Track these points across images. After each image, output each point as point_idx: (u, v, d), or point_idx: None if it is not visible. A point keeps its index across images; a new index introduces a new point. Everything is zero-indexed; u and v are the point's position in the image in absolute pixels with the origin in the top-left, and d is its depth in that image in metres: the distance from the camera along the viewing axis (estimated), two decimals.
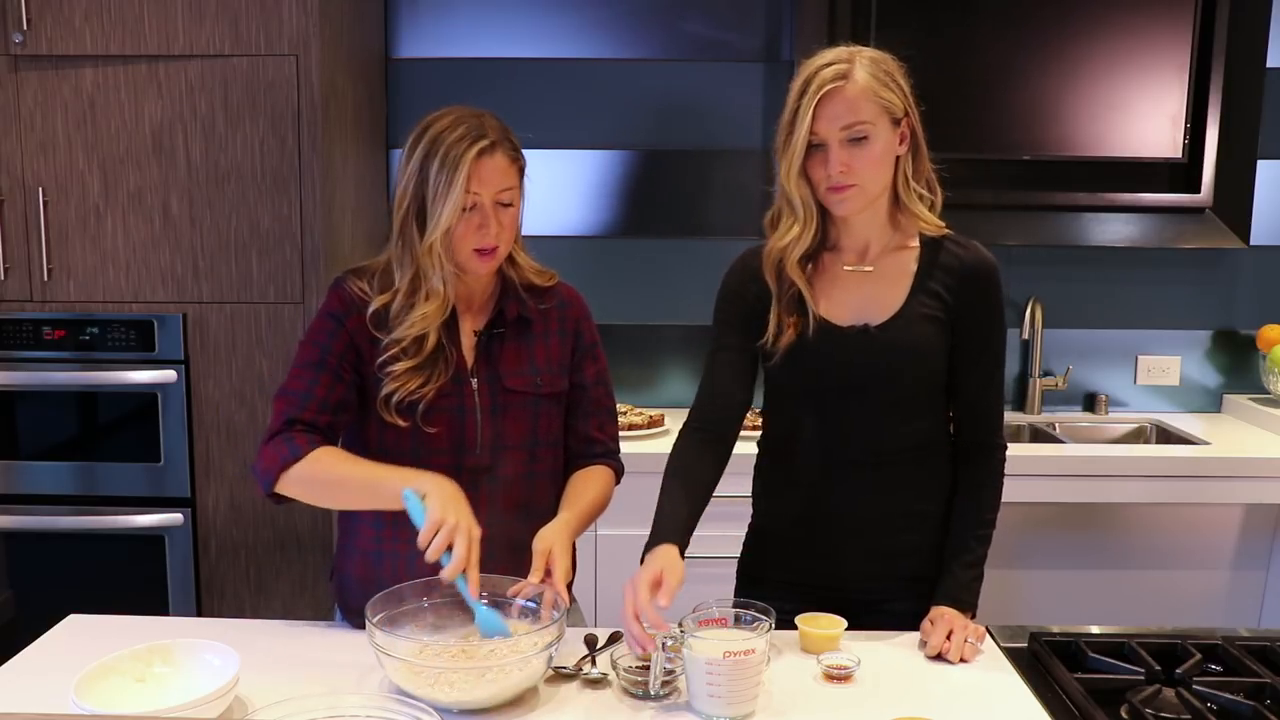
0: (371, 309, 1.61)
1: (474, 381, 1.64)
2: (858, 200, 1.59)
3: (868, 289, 1.65)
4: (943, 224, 1.65)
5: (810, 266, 1.66)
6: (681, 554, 1.55)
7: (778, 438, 1.75)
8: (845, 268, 1.66)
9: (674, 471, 1.66)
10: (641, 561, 1.55)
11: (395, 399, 1.58)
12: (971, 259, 1.65)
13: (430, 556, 1.41)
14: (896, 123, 1.58)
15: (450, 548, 1.42)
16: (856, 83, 1.54)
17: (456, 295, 1.63)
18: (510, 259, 1.67)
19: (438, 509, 1.43)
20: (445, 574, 1.42)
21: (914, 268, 1.65)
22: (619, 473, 1.79)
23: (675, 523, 1.59)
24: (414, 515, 1.45)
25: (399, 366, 1.58)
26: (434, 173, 1.54)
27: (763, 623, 1.43)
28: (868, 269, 1.66)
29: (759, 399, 1.76)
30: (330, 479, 1.56)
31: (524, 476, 1.68)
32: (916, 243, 1.66)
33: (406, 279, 1.59)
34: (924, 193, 1.64)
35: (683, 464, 1.67)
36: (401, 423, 1.59)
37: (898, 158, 1.61)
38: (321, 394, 1.59)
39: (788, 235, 1.62)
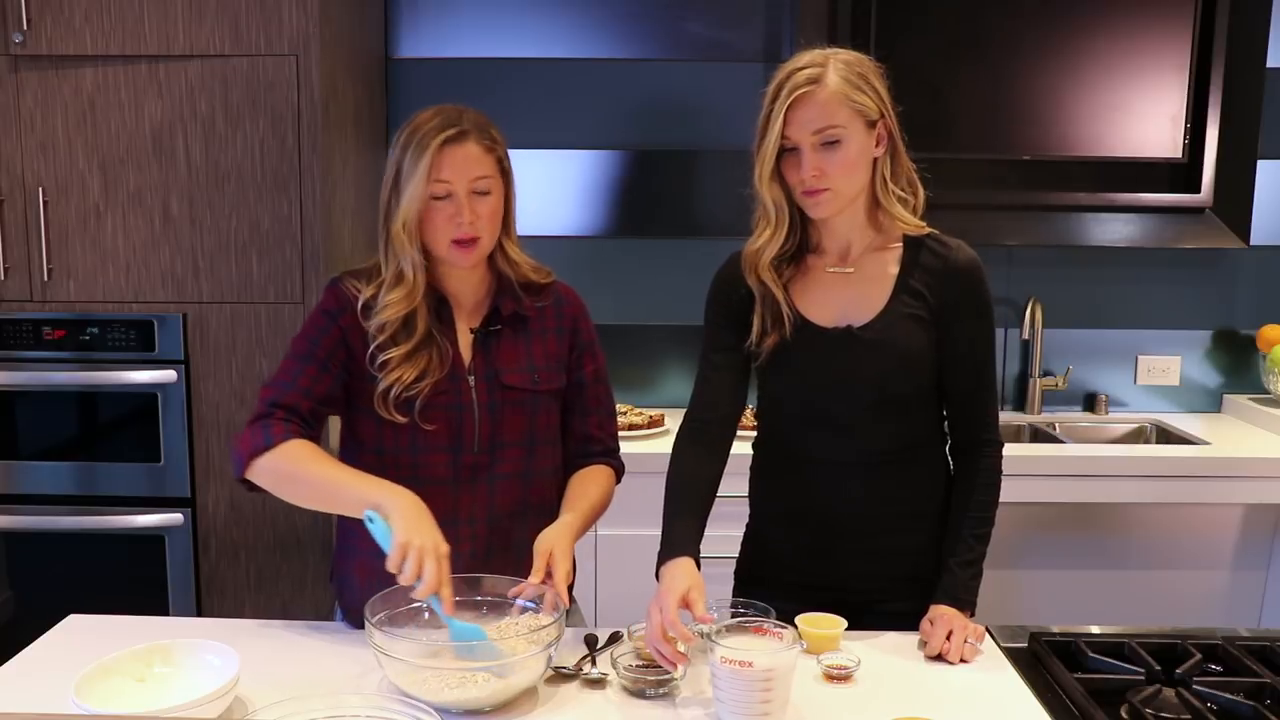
0: (361, 300, 1.62)
1: (471, 379, 1.64)
2: (832, 203, 1.59)
3: (850, 290, 1.65)
4: (923, 224, 1.65)
5: (792, 268, 1.67)
6: (697, 565, 1.56)
7: (770, 439, 1.76)
8: (827, 269, 1.67)
9: (675, 482, 1.67)
10: (656, 575, 1.56)
11: (393, 393, 1.58)
12: (953, 258, 1.64)
13: (403, 580, 1.41)
14: (872, 125, 1.57)
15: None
16: (828, 87, 1.54)
17: (450, 292, 1.65)
18: (506, 256, 1.68)
19: (402, 532, 1.42)
20: (417, 594, 1.41)
21: (896, 268, 1.65)
22: (619, 471, 1.79)
23: (686, 534, 1.60)
24: (378, 538, 1.44)
25: (392, 355, 1.58)
26: (407, 160, 1.56)
27: (785, 632, 1.41)
28: (849, 270, 1.66)
29: (752, 399, 1.76)
30: (294, 474, 1.55)
31: (522, 474, 1.68)
32: (899, 243, 1.66)
33: (391, 269, 1.61)
34: (903, 194, 1.64)
35: (683, 472, 1.68)
36: (400, 419, 1.59)
37: (875, 159, 1.60)
38: (306, 384, 1.60)
39: (760, 238, 1.64)
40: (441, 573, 1.41)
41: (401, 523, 1.43)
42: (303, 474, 1.55)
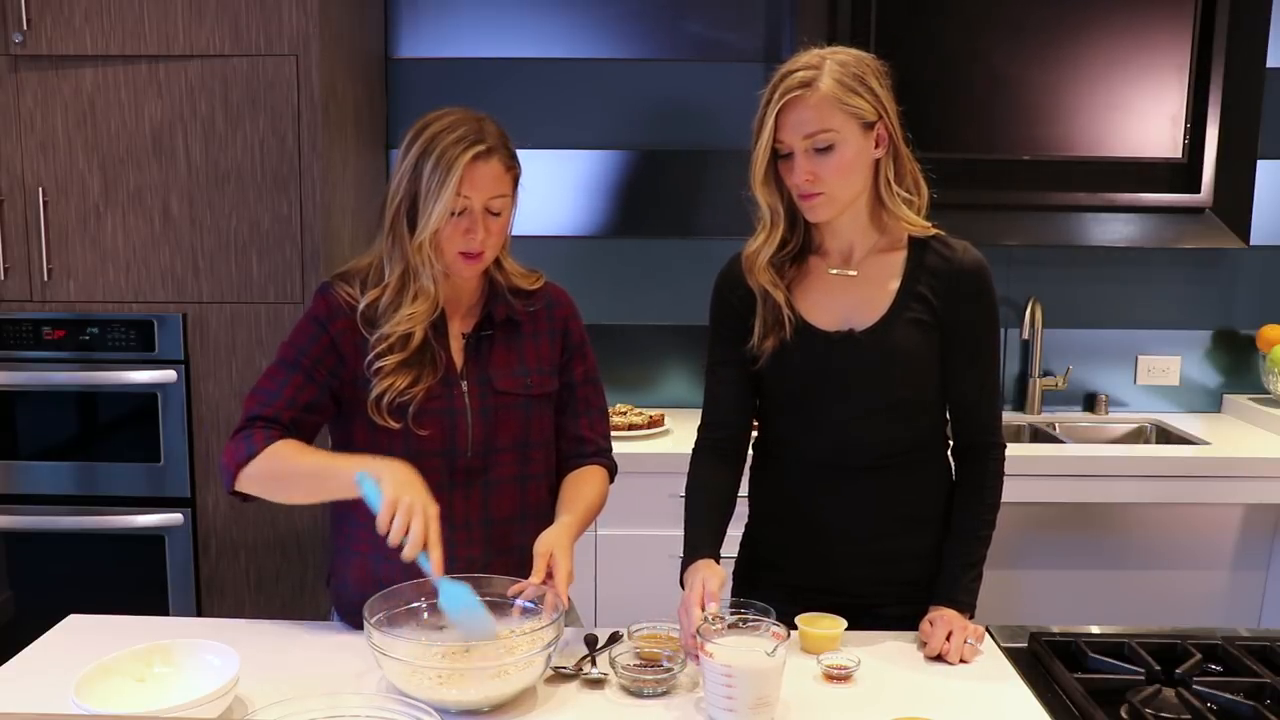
0: (361, 307, 1.61)
1: (464, 384, 1.64)
2: (827, 208, 1.58)
3: (853, 293, 1.64)
4: (928, 224, 1.64)
5: (794, 269, 1.66)
6: (717, 562, 1.58)
7: (770, 441, 1.75)
8: (830, 271, 1.66)
9: (694, 491, 1.69)
10: (681, 581, 1.57)
11: (385, 399, 1.58)
12: (959, 260, 1.63)
13: (392, 540, 1.41)
14: (869, 127, 1.56)
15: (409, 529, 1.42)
16: (819, 90, 1.52)
17: (443, 296, 1.64)
18: (497, 263, 1.68)
19: (391, 490, 1.43)
20: (406, 553, 1.41)
21: (901, 271, 1.63)
22: (612, 472, 1.79)
23: (706, 536, 1.62)
24: (370, 499, 1.45)
25: (387, 362, 1.58)
26: (428, 172, 1.54)
27: (766, 627, 1.42)
28: (852, 273, 1.65)
29: None
30: (284, 472, 1.56)
31: (517, 478, 1.68)
32: (903, 244, 1.65)
33: (396, 274, 1.60)
34: (908, 195, 1.62)
35: (701, 482, 1.70)
36: (393, 424, 1.59)
37: (877, 160, 1.59)
38: (290, 393, 1.60)
39: (756, 241, 1.64)
40: (430, 530, 1.42)
41: (391, 482, 1.44)
42: (292, 468, 1.55)
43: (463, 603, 1.44)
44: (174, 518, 2.57)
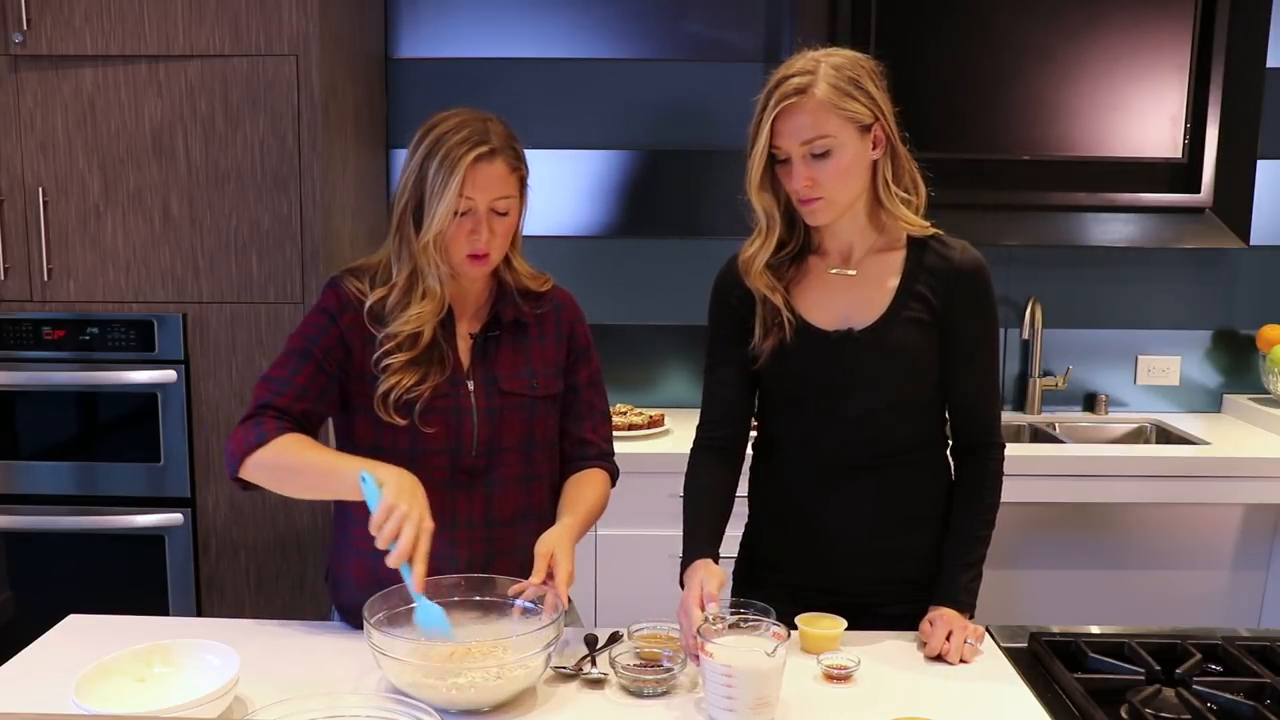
0: (369, 304, 1.61)
1: (470, 384, 1.65)
2: (827, 212, 1.58)
3: (853, 292, 1.64)
4: (927, 224, 1.64)
5: (794, 269, 1.67)
6: (716, 563, 1.58)
7: (769, 440, 1.75)
8: (830, 271, 1.66)
9: (692, 490, 1.69)
10: (681, 582, 1.57)
11: (392, 396, 1.58)
12: (958, 259, 1.63)
13: (380, 543, 1.41)
14: (866, 129, 1.56)
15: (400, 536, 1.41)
16: (815, 96, 1.52)
17: (452, 297, 1.64)
18: (506, 263, 1.68)
19: (391, 496, 1.43)
20: (389, 560, 1.41)
21: (900, 270, 1.64)
22: (614, 475, 1.79)
23: (704, 536, 1.62)
24: (370, 500, 1.45)
25: (395, 360, 1.58)
26: (432, 172, 1.54)
27: (766, 627, 1.43)
28: (851, 272, 1.65)
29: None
30: (290, 465, 1.56)
31: (521, 478, 1.68)
32: (902, 244, 1.65)
33: (404, 275, 1.60)
34: (905, 195, 1.62)
35: (699, 482, 1.70)
36: (400, 421, 1.59)
37: (875, 161, 1.59)
38: (302, 382, 1.60)
39: (751, 246, 1.64)
40: (419, 545, 1.42)
41: (392, 490, 1.44)
42: (300, 462, 1.55)
43: (435, 625, 1.44)
44: (174, 518, 2.57)
